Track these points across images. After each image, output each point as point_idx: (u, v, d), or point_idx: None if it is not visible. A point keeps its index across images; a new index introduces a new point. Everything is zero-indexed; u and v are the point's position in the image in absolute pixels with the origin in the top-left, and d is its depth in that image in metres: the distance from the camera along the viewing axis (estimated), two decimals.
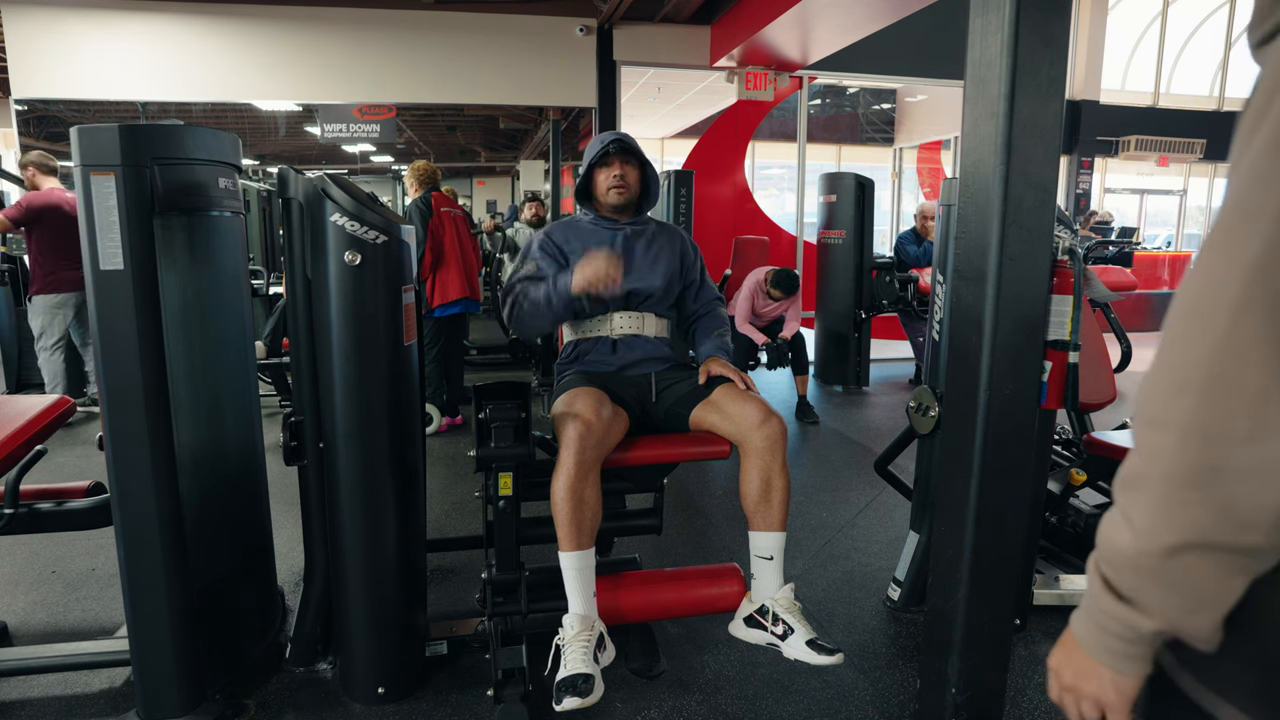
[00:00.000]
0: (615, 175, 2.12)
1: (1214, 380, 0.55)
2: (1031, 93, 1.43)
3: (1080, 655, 0.70)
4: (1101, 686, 0.68)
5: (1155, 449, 0.59)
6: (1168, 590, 0.61)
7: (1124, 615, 0.64)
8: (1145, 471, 0.60)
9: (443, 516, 3.22)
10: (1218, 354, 0.55)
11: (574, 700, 1.59)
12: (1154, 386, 0.60)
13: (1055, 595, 2.43)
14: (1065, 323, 1.79)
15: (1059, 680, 0.73)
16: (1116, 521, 0.64)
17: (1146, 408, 0.60)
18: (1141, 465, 0.61)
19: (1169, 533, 0.59)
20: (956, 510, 1.61)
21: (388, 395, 1.87)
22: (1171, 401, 0.58)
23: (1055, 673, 0.74)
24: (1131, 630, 0.64)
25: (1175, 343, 0.58)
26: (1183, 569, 0.59)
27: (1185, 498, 0.57)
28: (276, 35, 5.56)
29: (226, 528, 2.01)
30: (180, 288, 1.80)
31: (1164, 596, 0.61)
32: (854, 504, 3.38)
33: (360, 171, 8.47)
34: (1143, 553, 0.61)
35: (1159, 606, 0.62)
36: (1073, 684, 0.71)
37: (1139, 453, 0.61)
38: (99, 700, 1.98)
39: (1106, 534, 0.65)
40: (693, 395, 2.02)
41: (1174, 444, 0.57)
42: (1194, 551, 0.58)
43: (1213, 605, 0.60)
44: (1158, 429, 0.59)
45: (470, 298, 4.41)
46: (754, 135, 6.90)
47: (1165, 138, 10.66)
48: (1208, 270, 0.56)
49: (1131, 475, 0.62)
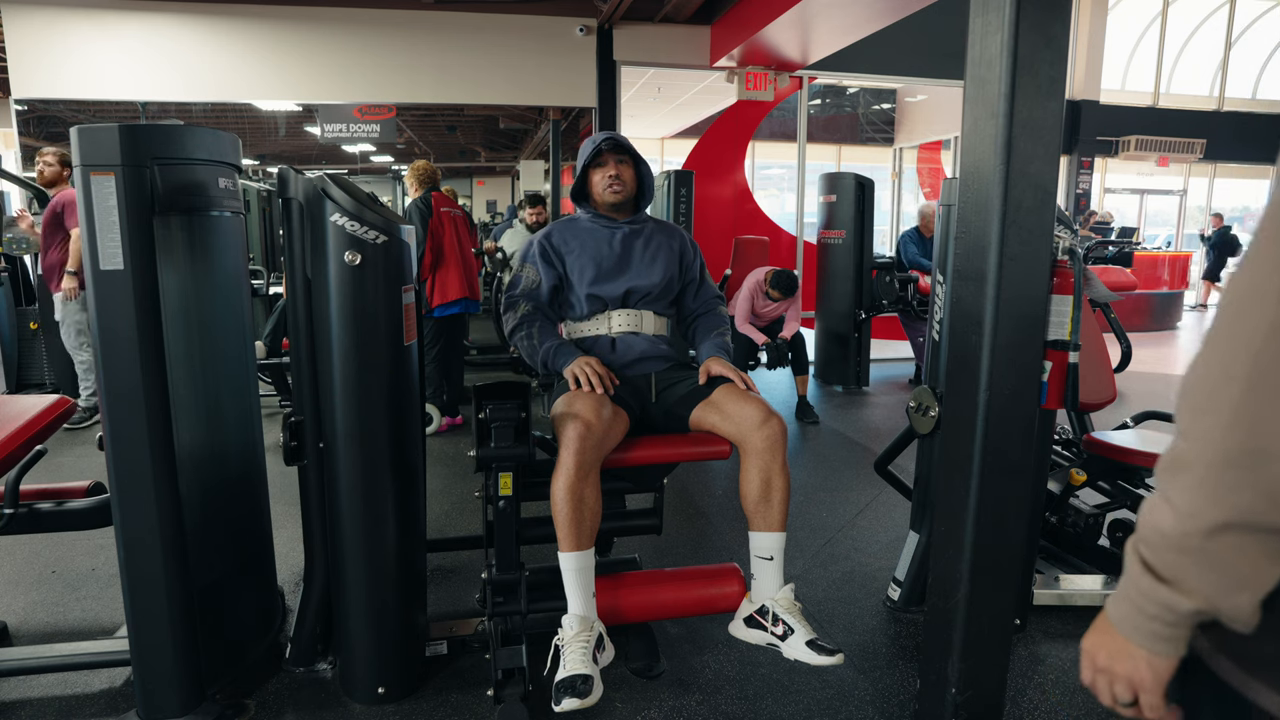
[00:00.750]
0: (611, 175, 2.12)
1: (1262, 369, 0.57)
2: (1031, 93, 1.43)
3: (1115, 637, 0.71)
4: (1136, 668, 0.69)
5: (1201, 433, 0.61)
6: (1208, 570, 0.62)
7: (1163, 596, 0.65)
8: (1190, 455, 0.62)
9: (443, 516, 3.22)
10: (1266, 344, 0.57)
11: (573, 701, 1.59)
12: (1201, 374, 0.62)
13: (1055, 595, 2.43)
14: (1065, 323, 1.79)
15: (1093, 662, 0.74)
16: (1157, 504, 0.65)
17: (1193, 394, 0.62)
18: (1186, 449, 0.63)
19: (1212, 512, 0.60)
20: (956, 510, 1.61)
21: (388, 395, 1.87)
22: (1219, 389, 0.60)
23: (1089, 655, 0.75)
24: (1170, 611, 0.65)
25: (1224, 332, 0.60)
26: (1224, 549, 0.61)
27: (1229, 479, 0.59)
28: (276, 35, 5.56)
29: (226, 528, 2.00)
30: (180, 288, 1.80)
31: (1204, 576, 0.63)
32: (854, 504, 3.38)
33: (360, 171, 8.47)
34: (1185, 533, 0.62)
35: (1199, 586, 0.63)
36: (1107, 665, 0.72)
37: (1184, 437, 0.63)
38: (99, 700, 1.98)
39: (1147, 516, 0.66)
40: (693, 395, 2.02)
41: (1221, 428, 0.59)
42: (1236, 532, 0.60)
43: (1252, 586, 0.61)
44: (1205, 414, 0.61)
45: (470, 298, 4.40)
46: (754, 135, 6.90)
47: (1165, 138, 10.67)
48: (1257, 264, 0.59)
49: (1175, 459, 0.64)
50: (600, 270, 2.11)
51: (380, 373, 1.85)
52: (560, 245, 2.14)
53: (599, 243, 2.13)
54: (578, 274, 2.12)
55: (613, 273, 2.12)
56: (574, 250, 2.12)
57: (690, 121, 10.97)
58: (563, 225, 2.19)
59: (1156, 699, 0.70)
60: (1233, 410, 0.59)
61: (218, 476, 1.97)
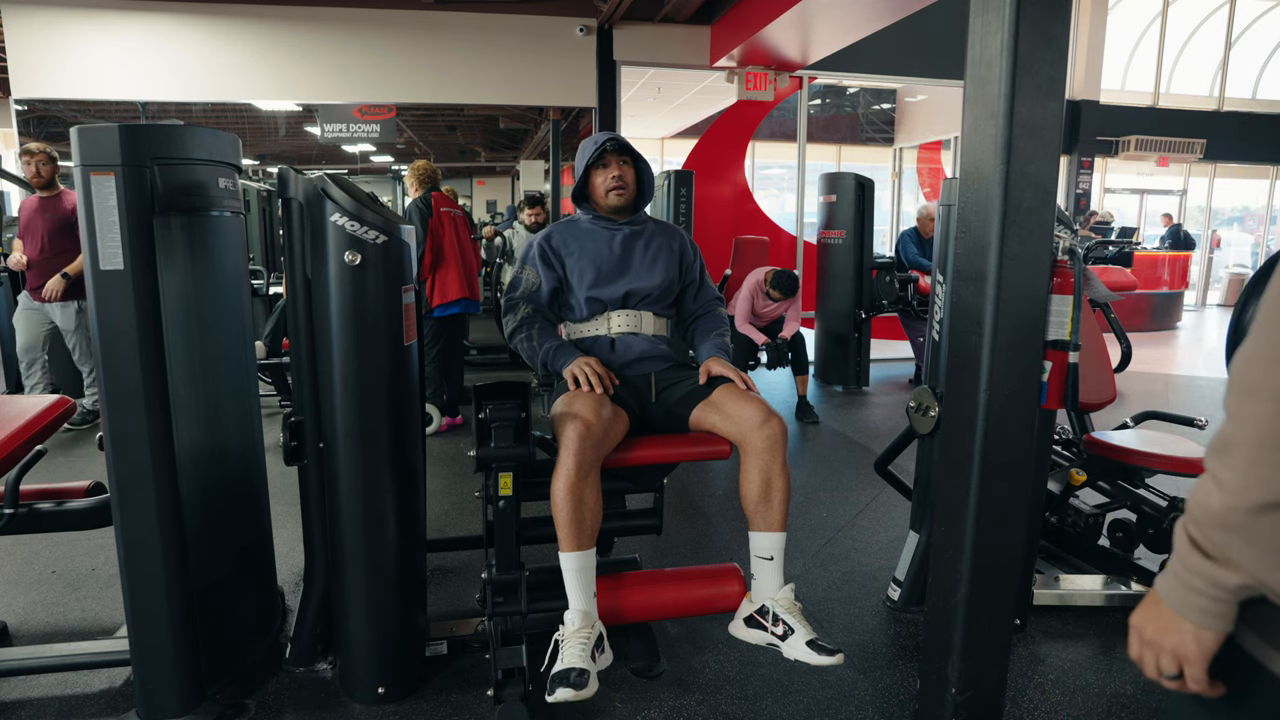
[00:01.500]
0: (614, 177, 2.11)
1: None
2: (1031, 93, 1.43)
3: (1164, 612, 0.74)
4: (1183, 641, 0.72)
5: (1250, 415, 0.64)
6: (1254, 546, 0.65)
7: (1210, 571, 0.68)
8: (1238, 436, 0.65)
9: (443, 516, 3.22)
10: None
11: (567, 692, 1.59)
12: (1252, 359, 0.65)
13: (1055, 595, 2.43)
14: (1065, 323, 1.79)
15: (1140, 636, 0.77)
16: (1206, 485, 0.68)
17: (1243, 378, 0.65)
18: (1235, 431, 0.65)
19: (1259, 491, 0.63)
20: (956, 510, 1.61)
21: (388, 395, 1.87)
22: (1270, 372, 0.62)
23: (1137, 629, 0.78)
24: (1216, 586, 0.68)
25: (1273, 320, 0.63)
26: (1269, 527, 0.64)
27: (1276, 460, 0.62)
28: (276, 35, 5.56)
29: (226, 528, 2.00)
30: (180, 288, 1.80)
31: (1250, 552, 0.65)
32: (854, 504, 3.38)
33: (360, 171, 8.46)
34: (1232, 509, 0.65)
35: (1244, 561, 0.66)
36: (1154, 639, 0.75)
37: (1232, 420, 0.66)
38: (99, 700, 1.98)
39: (1196, 496, 0.69)
40: (693, 395, 2.02)
41: (1270, 410, 0.62)
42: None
43: None
44: (1254, 397, 0.63)
45: (470, 298, 4.40)
46: (754, 135, 6.90)
47: (1165, 138, 10.66)
48: None
49: (1224, 441, 0.66)
50: (600, 273, 2.11)
51: (380, 373, 1.85)
52: (560, 247, 2.14)
53: (599, 245, 2.13)
54: (577, 277, 2.12)
55: (612, 275, 2.12)
56: (573, 253, 2.12)
57: (690, 121, 10.96)
58: (562, 227, 2.19)
59: (1200, 672, 0.73)
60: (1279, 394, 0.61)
61: (218, 476, 1.97)
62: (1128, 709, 1.97)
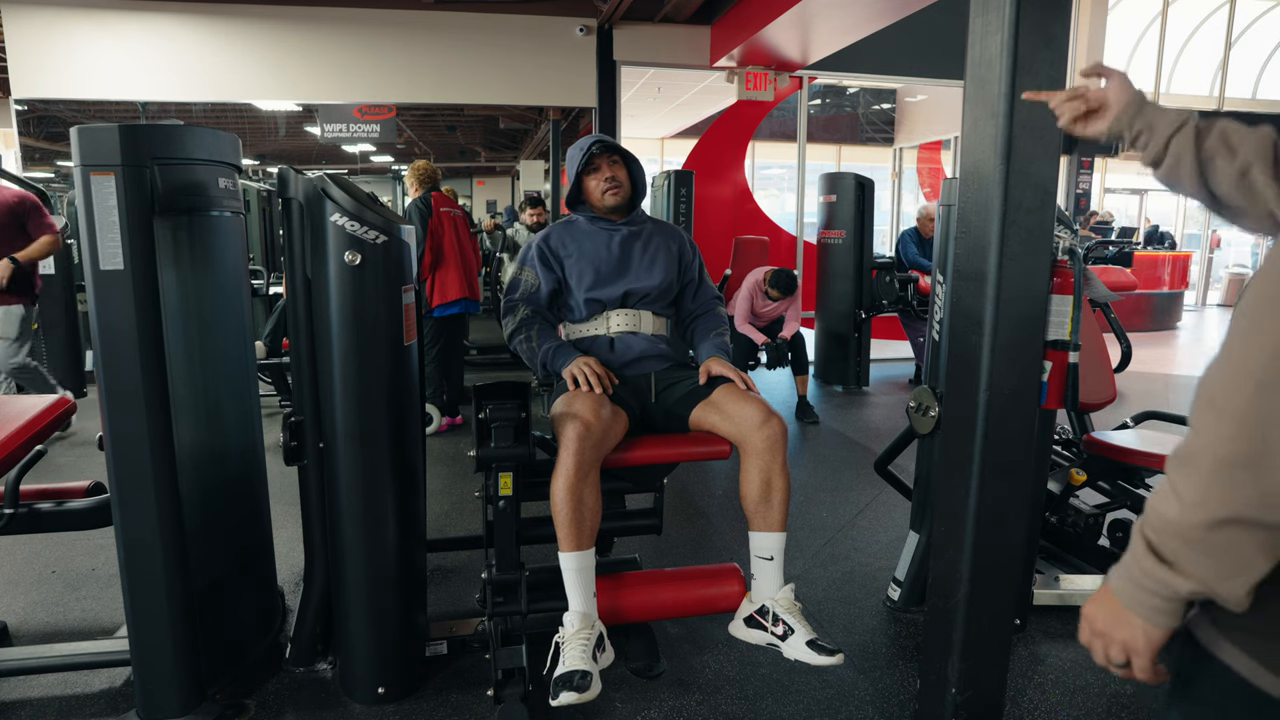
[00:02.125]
0: (607, 178, 2.11)
1: (1273, 377, 0.61)
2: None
3: (1115, 605, 0.76)
4: (1132, 635, 0.75)
5: (1212, 431, 0.65)
6: (1207, 557, 0.67)
7: (1163, 576, 0.70)
8: (1199, 451, 0.66)
9: (443, 516, 3.22)
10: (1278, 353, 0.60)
11: (570, 695, 1.59)
12: (1218, 370, 0.65)
13: (1055, 595, 2.43)
14: (1065, 323, 1.79)
15: (1091, 626, 0.80)
16: (1165, 493, 0.69)
17: (1209, 388, 0.66)
18: (1196, 444, 0.67)
19: (1215, 508, 0.64)
20: (956, 510, 1.61)
21: (388, 395, 1.87)
22: (1233, 387, 0.63)
23: (1088, 619, 0.80)
24: (1168, 589, 0.70)
25: (1244, 333, 0.64)
26: (1223, 541, 0.65)
27: (1234, 478, 0.63)
28: (276, 35, 5.56)
29: (226, 528, 2.00)
30: (180, 288, 1.80)
31: (1203, 563, 0.67)
32: (854, 504, 3.38)
33: (360, 171, 8.46)
34: (1189, 524, 0.67)
35: (1197, 571, 0.68)
36: (1104, 630, 0.78)
37: (1195, 432, 0.67)
38: (99, 700, 1.98)
39: (1155, 503, 0.71)
40: (692, 395, 2.01)
41: (1230, 428, 0.63)
42: (1235, 527, 0.64)
43: (1246, 574, 0.66)
44: (1216, 411, 0.64)
45: (470, 298, 4.40)
46: (754, 135, 6.90)
47: None
48: (1275, 271, 0.63)
49: (1186, 453, 0.68)
50: (599, 274, 2.11)
51: (380, 373, 1.85)
52: (559, 248, 2.14)
53: (598, 246, 2.13)
54: (576, 278, 2.11)
55: (611, 276, 2.12)
56: (572, 254, 2.12)
57: (690, 121, 10.97)
58: (561, 228, 2.19)
59: (1146, 662, 0.76)
60: (1243, 413, 0.62)
61: (218, 476, 1.97)
62: (1128, 709, 1.97)
